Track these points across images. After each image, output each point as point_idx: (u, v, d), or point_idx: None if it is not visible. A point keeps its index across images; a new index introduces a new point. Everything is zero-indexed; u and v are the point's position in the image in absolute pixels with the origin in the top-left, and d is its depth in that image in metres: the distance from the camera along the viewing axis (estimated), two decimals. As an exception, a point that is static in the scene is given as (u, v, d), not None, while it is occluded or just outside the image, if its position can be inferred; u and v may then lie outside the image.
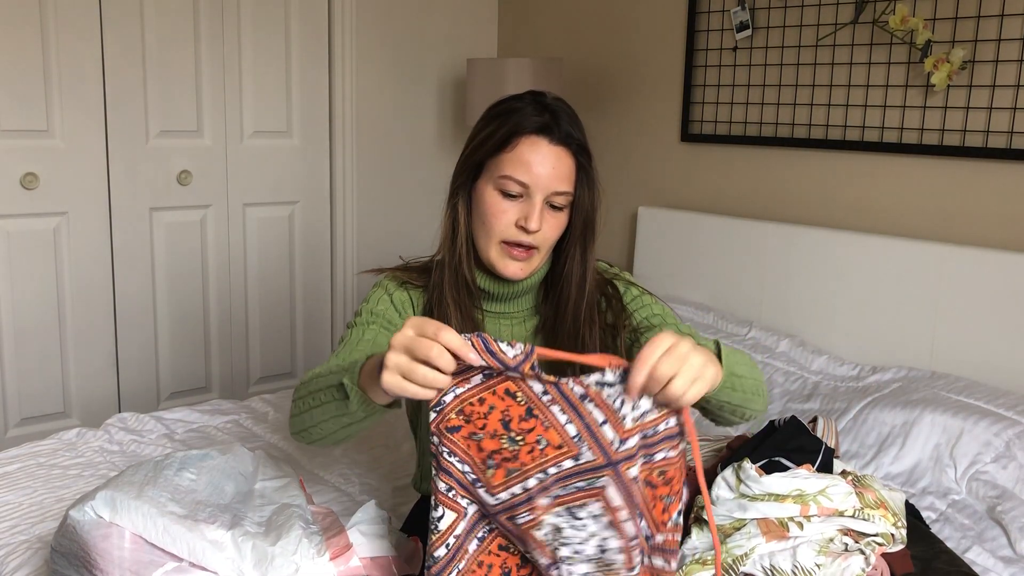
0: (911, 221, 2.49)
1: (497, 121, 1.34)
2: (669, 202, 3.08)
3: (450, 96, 3.55)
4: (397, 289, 1.41)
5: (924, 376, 2.28)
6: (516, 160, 1.31)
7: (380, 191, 3.42)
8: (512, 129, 1.32)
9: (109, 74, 2.81)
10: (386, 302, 1.40)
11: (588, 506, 1.02)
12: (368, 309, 1.39)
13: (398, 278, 1.43)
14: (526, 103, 1.34)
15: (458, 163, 1.39)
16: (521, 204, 1.32)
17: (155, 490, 1.28)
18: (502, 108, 1.36)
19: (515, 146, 1.31)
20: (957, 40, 2.34)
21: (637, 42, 3.13)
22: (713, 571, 1.36)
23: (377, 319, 1.38)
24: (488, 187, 1.33)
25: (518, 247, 1.34)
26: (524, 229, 1.32)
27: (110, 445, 2.08)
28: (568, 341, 1.38)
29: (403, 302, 1.41)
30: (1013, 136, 2.27)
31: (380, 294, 1.41)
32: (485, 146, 1.34)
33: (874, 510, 1.45)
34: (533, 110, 1.33)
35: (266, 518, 1.33)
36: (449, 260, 1.38)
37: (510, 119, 1.33)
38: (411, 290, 1.42)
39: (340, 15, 3.22)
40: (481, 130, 1.36)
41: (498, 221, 1.32)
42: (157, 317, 3.04)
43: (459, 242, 1.37)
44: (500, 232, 1.33)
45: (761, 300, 2.72)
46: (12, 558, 1.53)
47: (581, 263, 1.38)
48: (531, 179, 1.31)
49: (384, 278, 1.44)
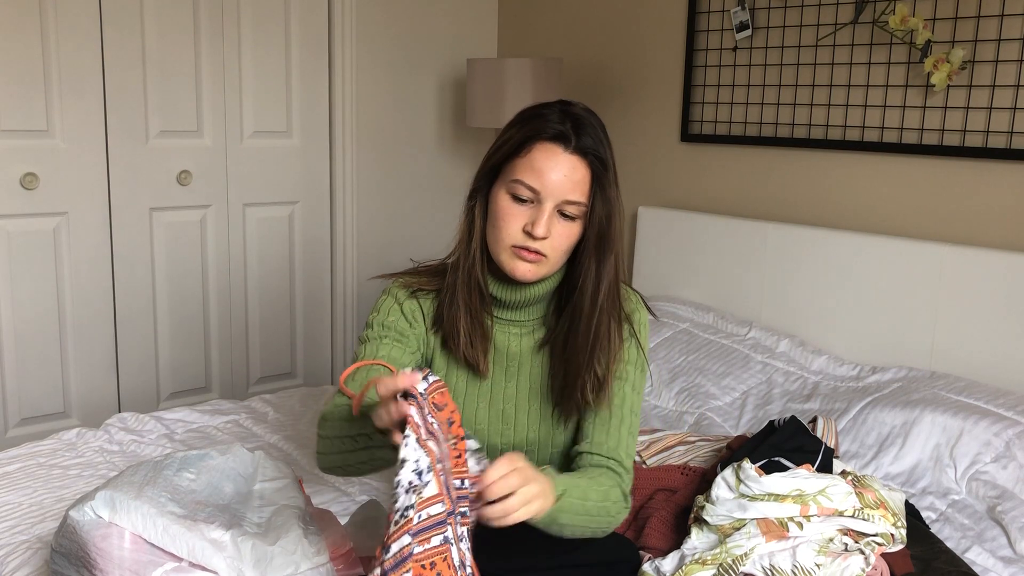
0: (911, 221, 2.49)
1: (518, 126, 1.35)
2: (669, 202, 3.08)
3: (450, 96, 3.55)
4: (407, 298, 1.42)
5: (924, 376, 2.28)
6: (529, 165, 1.31)
7: (380, 191, 3.42)
8: (529, 134, 1.32)
9: (109, 74, 2.81)
10: (396, 312, 1.40)
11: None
12: (379, 321, 1.40)
13: (408, 285, 1.43)
14: (552, 110, 1.34)
15: (480, 166, 1.39)
16: (531, 210, 1.32)
17: (154, 490, 1.28)
18: (527, 114, 1.36)
19: (529, 151, 1.31)
20: (957, 40, 2.34)
21: (637, 42, 3.13)
22: (713, 571, 1.36)
23: (389, 332, 1.38)
24: (501, 191, 1.34)
25: (526, 251, 1.33)
26: (530, 235, 1.32)
27: (110, 445, 2.08)
28: (578, 360, 1.37)
29: (413, 311, 1.41)
30: (1013, 136, 2.27)
31: (390, 303, 1.41)
32: (502, 150, 1.35)
33: (874, 510, 1.45)
34: (557, 118, 1.33)
35: (265, 519, 1.33)
36: (463, 262, 1.38)
37: (529, 124, 1.33)
38: (421, 298, 1.42)
39: (340, 15, 3.22)
40: (504, 134, 1.37)
41: (508, 225, 1.32)
42: (157, 317, 3.04)
43: (474, 245, 1.37)
44: (509, 236, 1.33)
45: (761, 300, 2.72)
46: (12, 558, 1.53)
47: (595, 277, 1.37)
48: (542, 185, 1.30)
49: (393, 285, 1.44)
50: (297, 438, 2.16)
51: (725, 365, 2.46)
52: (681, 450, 1.81)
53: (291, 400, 2.43)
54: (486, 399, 1.43)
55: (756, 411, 2.28)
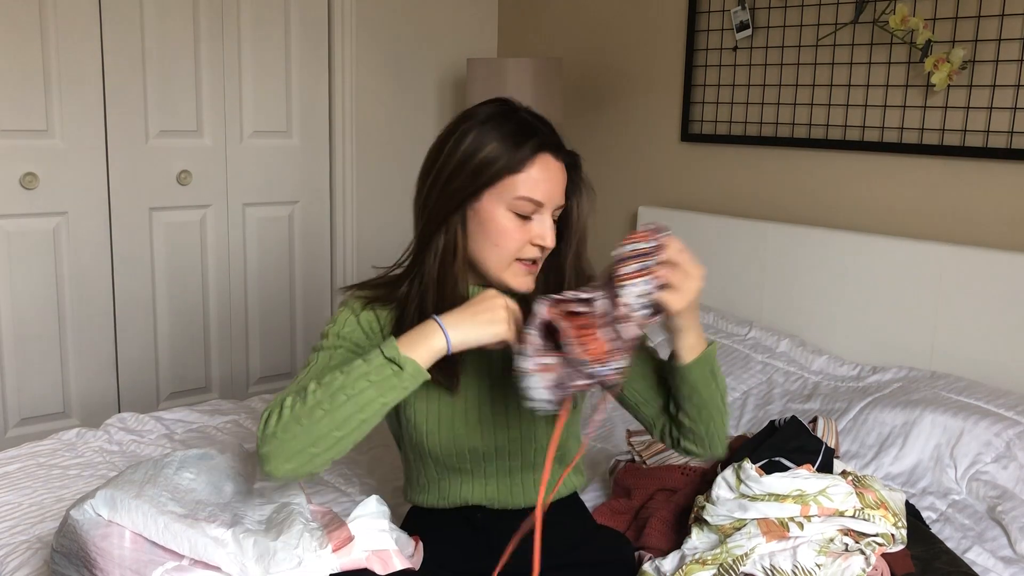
0: (911, 221, 2.49)
1: (501, 140, 1.29)
2: (669, 202, 3.08)
3: (450, 96, 3.55)
4: (363, 310, 1.38)
5: (924, 376, 2.28)
6: (531, 180, 1.29)
7: (380, 191, 3.43)
8: (530, 149, 1.28)
9: (109, 74, 2.81)
10: (353, 323, 1.37)
11: None
12: (335, 332, 1.36)
13: (363, 297, 1.40)
14: (521, 116, 1.32)
15: (441, 181, 1.31)
16: (531, 222, 1.31)
17: (155, 489, 1.28)
18: (501, 123, 1.30)
19: (531, 165, 1.29)
20: (957, 40, 2.34)
21: (637, 42, 3.13)
22: (714, 570, 1.36)
23: (344, 342, 1.35)
24: (499, 208, 1.30)
25: (532, 263, 1.33)
26: (537, 246, 1.31)
27: (110, 445, 2.08)
28: None
29: (370, 323, 1.38)
30: (1013, 136, 2.27)
31: (347, 315, 1.38)
32: (494, 167, 1.28)
33: (874, 510, 1.45)
34: (539, 125, 1.31)
35: (266, 516, 1.33)
36: (438, 277, 1.33)
37: (518, 137, 1.29)
38: (377, 309, 1.39)
39: (340, 15, 3.22)
40: (477, 149, 1.29)
41: (513, 241, 1.30)
42: (157, 317, 3.04)
43: (458, 263, 1.33)
44: (515, 252, 1.31)
45: (761, 300, 2.72)
46: (12, 558, 1.53)
47: (576, 266, 1.39)
48: (546, 197, 1.30)
49: (350, 298, 1.41)
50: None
51: (725, 365, 2.46)
52: (681, 450, 1.80)
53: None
54: (461, 405, 1.40)
55: (756, 411, 2.28)
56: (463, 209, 1.32)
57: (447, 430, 1.37)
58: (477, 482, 1.42)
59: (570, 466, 1.36)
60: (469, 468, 1.41)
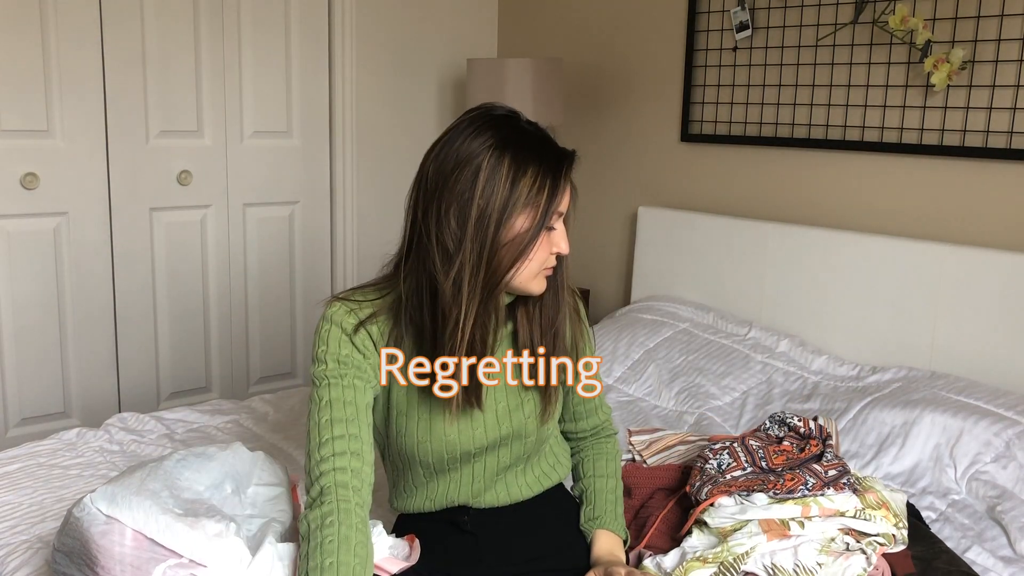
0: (911, 221, 2.49)
1: (536, 164, 1.27)
2: (669, 202, 3.08)
3: (450, 96, 3.55)
4: (352, 328, 1.31)
5: (924, 376, 2.28)
6: (563, 197, 1.31)
7: (380, 191, 3.43)
8: (564, 178, 1.29)
9: (109, 74, 2.81)
10: (347, 345, 1.30)
11: None
12: (332, 357, 1.29)
13: (352, 312, 1.32)
14: (531, 129, 1.31)
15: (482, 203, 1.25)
16: (554, 231, 1.32)
17: (156, 484, 1.29)
18: (534, 148, 1.28)
19: (565, 185, 1.30)
20: (957, 40, 2.34)
21: (637, 42, 3.13)
22: (714, 569, 1.36)
23: (347, 369, 1.29)
24: (533, 224, 1.27)
25: (550, 268, 1.35)
26: (556, 254, 1.33)
27: (110, 445, 2.08)
28: (546, 322, 1.40)
29: (363, 340, 1.31)
30: (1013, 136, 2.27)
31: (337, 334, 1.30)
32: (539, 206, 1.26)
33: (875, 510, 1.45)
34: (556, 152, 1.31)
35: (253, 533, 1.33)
36: (479, 299, 1.27)
37: (551, 159, 1.28)
38: (369, 325, 1.31)
39: (340, 15, 3.23)
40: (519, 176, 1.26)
41: (543, 253, 1.31)
42: (157, 317, 3.04)
43: (504, 281, 1.29)
44: (543, 261, 1.32)
45: (761, 300, 2.72)
46: (12, 558, 1.53)
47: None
48: (567, 207, 1.33)
49: (331, 310, 1.32)
50: (297, 438, 2.16)
51: (725, 365, 2.47)
52: (681, 450, 1.81)
53: (291, 400, 2.43)
54: (452, 411, 1.36)
55: (756, 411, 2.28)
56: (498, 234, 1.27)
57: (438, 437, 1.36)
58: (464, 482, 1.42)
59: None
60: (458, 468, 1.41)
